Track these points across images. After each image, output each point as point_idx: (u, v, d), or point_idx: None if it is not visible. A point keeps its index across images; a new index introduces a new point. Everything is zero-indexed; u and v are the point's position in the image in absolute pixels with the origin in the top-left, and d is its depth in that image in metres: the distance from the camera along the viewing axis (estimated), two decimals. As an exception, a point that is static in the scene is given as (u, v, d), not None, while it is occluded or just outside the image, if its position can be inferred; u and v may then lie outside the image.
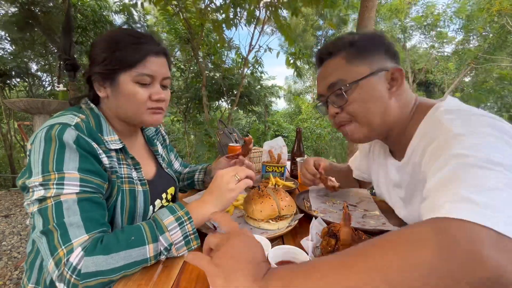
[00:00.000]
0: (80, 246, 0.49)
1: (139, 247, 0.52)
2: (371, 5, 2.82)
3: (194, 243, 0.59)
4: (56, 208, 0.51)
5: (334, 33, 12.92)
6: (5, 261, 2.08)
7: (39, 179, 0.52)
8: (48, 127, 0.56)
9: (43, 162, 0.53)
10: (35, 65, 6.14)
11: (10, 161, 6.23)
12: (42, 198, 0.52)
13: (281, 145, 1.32)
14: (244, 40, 7.93)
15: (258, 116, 8.25)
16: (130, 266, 0.50)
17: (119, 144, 0.68)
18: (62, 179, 0.52)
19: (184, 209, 0.59)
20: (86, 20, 5.27)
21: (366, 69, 0.62)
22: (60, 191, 0.52)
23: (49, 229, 0.50)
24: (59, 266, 0.47)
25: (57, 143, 0.54)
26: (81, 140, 0.56)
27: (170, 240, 0.55)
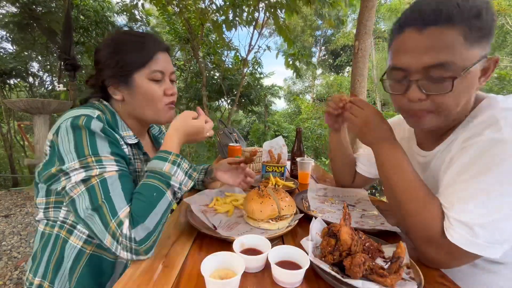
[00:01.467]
0: (126, 218, 0.54)
1: (162, 198, 0.58)
2: (371, 5, 2.82)
3: (194, 174, 0.66)
4: (102, 184, 0.56)
5: (333, 32, 12.92)
6: (5, 261, 2.08)
7: (76, 164, 0.56)
8: (72, 118, 0.59)
9: (77, 148, 0.57)
10: (36, 65, 6.14)
11: (10, 161, 6.23)
12: (86, 178, 0.55)
13: (281, 145, 1.32)
14: (244, 41, 7.94)
15: (258, 116, 8.24)
16: (165, 214, 0.59)
17: (134, 139, 0.73)
18: (100, 161, 0.57)
19: (173, 153, 0.63)
20: (88, 20, 5.28)
21: (477, 53, 0.50)
22: (103, 169, 0.57)
23: (99, 205, 0.54)
24: (116, 238, 0.52)
25: (87, 131, 0.58)
26: (106, 129, 0.62)
27: (179, 180, 0.62)
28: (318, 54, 14.88)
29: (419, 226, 0.56)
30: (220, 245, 0.62)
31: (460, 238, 0.49)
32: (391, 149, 0.65)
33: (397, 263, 0.47)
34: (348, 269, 0.48)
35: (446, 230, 0.51)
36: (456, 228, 0.50)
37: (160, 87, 0.72)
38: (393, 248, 0.53)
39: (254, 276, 0.52)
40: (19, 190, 3.86)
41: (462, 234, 0.49)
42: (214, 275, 0.48)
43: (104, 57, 0.70)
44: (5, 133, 6.27)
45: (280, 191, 0.76)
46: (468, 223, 0.48)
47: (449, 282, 0.52)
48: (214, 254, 0.51)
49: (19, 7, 4.60)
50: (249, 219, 0.73)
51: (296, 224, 0.72)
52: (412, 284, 0.47)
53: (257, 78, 6.38)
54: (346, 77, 11.30)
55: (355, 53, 2.97)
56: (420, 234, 0.56)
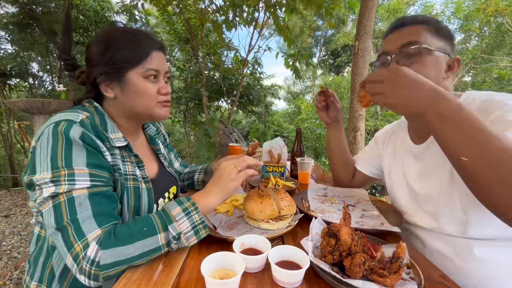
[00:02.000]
0: (94, 241, 0.50)
1: (151, 237, 0.54)
2: (371, 5, 2.82)
3: (203, 232, 0.59)
4: (69, 204, 0.52)
5: (334, 32, 12.92)
6: (5, 261, 2.08)
7: (48, 175, 0.53)
8: (54, 124, 0.56)
9: (52, 159, 0.54)
10: (36, 65, 6.14)
11: (10, 161, 6.23)
12: (54, 194, 0.53)
13: (281, 145, 1.32)
14: (244, 41, 7.93)
15: (258, 116, 8.25)
16: (145, 255, 0.53)
17: (123, 141, 0.69)
18: (72, 175, 0.53)
19: (191, 201, 0.60)
20: (88, 20, 5.28)
21: (442, 45, 0.70)
22: (72, 186, 0.53)
23: (63, 225, 0.51)
24: (78, 260, 0.49)
25: (64, 140, 0.55)
26: (86, 136, 0.57)
27: (179, 229, 0.56)
28: (319, 55, 14.89)
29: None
30: (220, 245, 0.62)
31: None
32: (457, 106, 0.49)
33: (397, 263, 0.47)
34: (348, 269, 0.48)
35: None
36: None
37: (155, 86, 0.69)
38: (393, 248, 0.53)
39: (254, 276, 0.52)
40: (19, 190, 3.86)
41: None
42: (214, 275, 0.48)
43: (96, 54, 0.67)
44: (5, 133, 6.27)
45: (280, 191, 0.76)
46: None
47: (449, 282, 0.52)
48: (214, 254, 0.51)
49: (19, 7, 4.60)
50: (249, 219, 0.73)
51: (296, 224, 0.72)
52: (412, 284, 0.47)
53: (257, 78, 6.39)
54: (345, 77, 11.30)
55: (355, 53, 2.97)
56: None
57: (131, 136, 0.77)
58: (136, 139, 0.81)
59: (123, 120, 0.73)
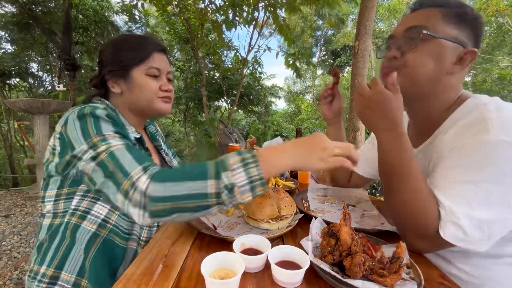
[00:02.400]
0: (142, 173, 0.51)
1: (201, 180, 0.49)
2: (371, 5, 2.82)
3: (260, 189, 0.51)
4: (111, 157, 0.55)
5: (334, 32, 12.93)
6: (5, 261, 2.08)
7: (85, 146, 0.58)
8: (79, 109, 0.64)
9: (84, 133, 0.59)
10: (36, 65, 6.14)
11: (10, 161, 6.23)
12: (95, 155, 0.57)
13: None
14: (243, 41, 7.93)
15: (258, 116, 8.25)
16: (192, 198, 0.48)
17: (137, 134, 0.77)
18: (105, 139, 0.58)
19: (253, 153, 0.52)
20: (87, 20, 5.28)
21: (454, 33, 0.61)
22: (109, 145, 0.57)
23: (111, 172, 0.54)
24: (128, 195, 0.50)
25: (92, 117, 0.62)
26: (111, 115, 0.65)
27: (232, 180, 0.49)
28: (318, 54, 14.89)
29: (418, 224, 0.57)
30: (220, 245, 0.62)
31: (452, 236, 0.53)
32: (395, 140, 0.60)
33: (397, 263, 0.47)
34: (348, 269, 0.48)
35: (440, 228, 0.54)
36: (449, 228, 0.53)
37: (156, 83, 0.78)
38: (393, 248, 0.53)
39: (254, 276, 0.52)
40: (19, 190, 3.86)
41: (454, 233, 0.53)
42: (214, 275, 0.48)
43: (106, 56, 0.78)
44: (5, 133, 6.27)
45: (280, 191, 0.76)
46: (460, 223, 0.51)
47: (449, 282, 0.52)
48: (214, 254, 0.51)
49: (19, 7, 4.59)
50: (249, 219, 0.73)
51: (296, 224, 0.72)
52: (412, 284, 0.47)
53: (257, 78, 6.38)
54: (345, 77, 11.30)
55: (355, 53, 2.97)
56: (416, 231, 0.58)
57: None
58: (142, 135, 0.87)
59: (130, 115, 0.81)
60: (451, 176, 0.55)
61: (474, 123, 0.56)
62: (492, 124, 0.52)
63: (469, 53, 0.61)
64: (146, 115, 0.85)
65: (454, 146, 0.57)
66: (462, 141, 0.56)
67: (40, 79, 6.39)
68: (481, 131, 0.53)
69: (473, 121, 0.57)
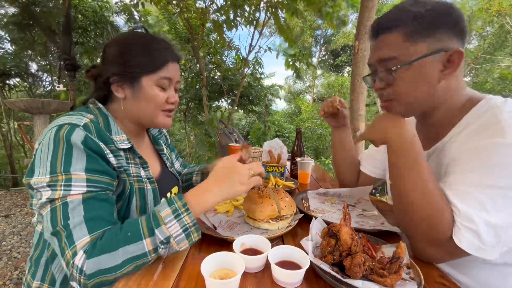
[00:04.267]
0: (82, 249, 0.49)
1: (136, 242, 0.50)
2: (371, 5, 2.82)
3: (195, 235, 0.54)
4: (63, 209, 0.52)
5: (334, 32, 12.91)
6: (5, 261, 2.08)
7: (46, 179, 0.53)
8: (56, 128, 0.57)
9: (51, 163, 0.54)
10: (35, 65, 6.14)
11: (10, 161, 6.23)
12: (51, 199, 0.53)
13: (281, 145, 1.32)
14: (244, 41, 7.93)
15: (258, 116, 8.25)
16: (130, 261, 0.50)
17: (127, 144, 0.69)
18: (69, 180, 0.53)
19: (182, 200, 0.55)
20: (86, 20, 5.28)
21: (425, 47, 0.58)
22: (67, 192, 0.53)
23: (57, 231, 0.51)
24: (68, 267, 0.49)
25: (65, 144, 0.55)
26: (88, 140, 0.57)
27: (167, 233, 0.52)
28: (318, 54, 14.88)
29: (428, 229, 0.55)
30: (220, 245, 0.62)
31: (469, 244, 0.50)
32: (407, 142, 0.58)
33: (397, 263, 0.47)
34: (348, 269, 0.48)
35: (454, 235, 0.52)
36: (465, 234, 0.50)
37: (164, 94, 0.71)
38: (393, 248, 0.53)
39: (254, 276, 0.52)
40: (19, 190, 3.86)
41: (471, 241, 0.50)
42: (214, 275, 0.48)
43: (114, 54, 0.69)
44: (5, 133, 6.27)
45: (280, 191, 0.76)
46: (477, 229, 0.49)
47: (449, 282, 0.52)
48: (214, 254, 0.51)
49: (19, 7, 4.60)
50: (249, 219, 0.73)
51: (296, 224, 0.72)
52: (412, 284, 0.47)
53: (258, 78, 6.38)
54: (346, 77, 11.30)
55: (355, 53, 2.97)
56: (426, 236, 0.56)
57: (136, 137, 0.78)
58: (141, 140, 0.82)
59: (126, 122, 0.74)
60: (466, 180, 0.53)
61: (488, 125, 0.54)
62: (508, 125, 0.50)
63: (454, 53, 0.57)
64: (145, 126, 0.79)
65: (468, 149, 0.55)
66: (476, 143, 0.54)
67: (40, 79, 6.39)
68: (496, 133, 0.51)
69: (487, 123, 0.54)
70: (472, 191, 0.51)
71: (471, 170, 0.53)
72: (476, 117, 0.58)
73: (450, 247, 0.52)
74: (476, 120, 0.58)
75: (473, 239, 0.49)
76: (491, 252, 0.49)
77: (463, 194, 0.52)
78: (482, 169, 0.51)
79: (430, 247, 0.56)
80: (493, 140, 0.51)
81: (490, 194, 0.49)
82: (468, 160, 0.54)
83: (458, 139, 0.60)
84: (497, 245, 0.49)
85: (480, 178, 0.51)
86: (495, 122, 0.53)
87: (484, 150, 0.52)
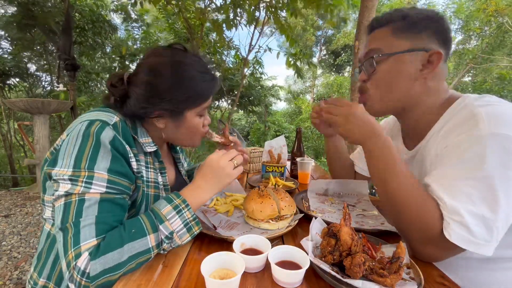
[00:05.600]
0: (87, 251, 0.49)
1: (140, 238, 0.52)
2: (371, 5, 2.82)
3: (196, 228, 0.59)
4: (78, 205, 0.52)
5: (334, 32, 12.91)
6: (5, 261, 2.08)
7: (68, 172, 0.53)
8: (88, 122, 0.57)
9: (77, 157, 0.54)
10: (35, 65, 6.13)
11: (10, 161, 6.23)
12: (68, 193, 0.52)
13: (281, 145, 1.32)
14: (244, 40, 7.90)
15: (259, 116, 8.25)
16: (134, 258, 0.51)
17: (153, 146, 0.69)
18: (91, 177, 0.53)
19: (181, 197, 0.59)
20: (84, 19, 5.26)
21: (407, 44, 0.63)
22: (87, 189, 0.53)
23: (66, 227, 0.51)
24: (69, 268, 0.48)
25: (94, 141, 0.55)
26: (116, 141, 0.58)
27: (171, 228, 0.55)
28: (319, 54, 14.88)
29: (419, 227, 0.55)
30: (220, 245, 0.62)
31: (458, 237, 0.50)
32: (383, 145, 0.61)
33: (397, 263, 0.47)
34: (348, 269, 0.48)
35: (445, 229, 0.52)
36: (454, 228, 0.50)
37: (202, 120, 0.73)
38: (393, 248, 0.53)
39: (254, 276, 0.52)
40: (19, 190, 3.86)
41: (460, 233, 0.50)
42: (214, 275, 0.48)
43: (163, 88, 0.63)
44: (5, 133, 6.27)
45: (280, 191, 0.76)
46: (463, 221, 0.49)
47: (449, 282, 0.52)
48: (214, 254, 0.51)
49: (18, 7, 4.59)
50: (249, 219, 0.73)
51: (296, 224, 0.72)
52: (412, 284, 0.47)
53: (258, 78, 6.38)
54: (346, 77, 11.30)
55: (355, 53, 2.97)
56: (419, 235, 0.56)
57: (158, 143, 0.77)
58: (161, 147, 0.82)
59: (156, 137, 0.73)
60: (448, 174, 0.54)
61: (464, 120, 0.57)
62: (482, 118, 0.52)
63: (434, 54, 0.61)
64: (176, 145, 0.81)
65: (447, 144, 0.57)
66: (455, 138, 0.56)
67: (39, 79, 6.39)
68: (471, 126, 0.53)
69: (463, 118, 0.57)
70: (457, 184, 0.52)
71: (453, 164, 0.54)
72: (453, 114, 0.61)
73: (444, 244, 0.52)
74: (453, 117, 0.61)
75: (462, 232, 0.50)
76: (486, 247, 0.49)
77: (446, 188, 0.53)
78: (461, 162, 0.53)
79: (426, 246, 0.56)
80: (469, 133, 0.53)
81: (475, 185, 0.50)
82: (449, 155, 0.56)
83: (438, 136, 0.62)
84: (491, 239, 0.49)
85: (462, 171, 0.52)
86: (471, 116, 0.55)
87: (461, 144, 0.54)
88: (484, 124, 0.52)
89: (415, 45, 0.63)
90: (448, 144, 0.57)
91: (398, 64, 0.64)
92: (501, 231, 0.50)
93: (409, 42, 0.63)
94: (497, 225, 0.49)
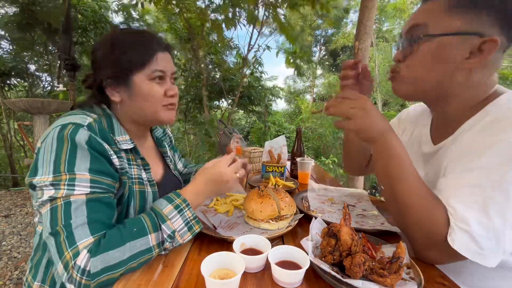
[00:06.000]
0: (85, 249, 0.49)
1: (141, 237, 0.53)
2: (371, 5, 2.82)
3: (197, 227, 0.60)
4: (65, 208, 0.51)
5: (333, 32, 12.91)
6: (5, 261, 2.08)
7: (49, 178, 0.52)
8: (60, 127, 0.56)
9: (55, 163, 0.53)
10: (35, 65, 6.13)
11: (10, 161, 6.22)
12: (52, 198, 0.52)
13: (281, 145, 1.32)
14: (243, 40, 7.89)
15: (259, 116, 8.25)
16: (135, 257, 0.51)
17: (130, 144, 0.68)
18: (73, 180, 0.53)
19: (181, 197, 0.60)
20: (86, 20, 5.27)
21: (459, 24, 0.52)
22: (71, 192, 0.52)
23: (57, 231, 0.50)
24: (68, 269, 0.48)
25: (69, 144, 0.54)
26: (93, 140, 0.57)
27: (173, 227, 0.56)
28: (318, 54, 14.88)
29: (425, 231, 0.54)
30: (220, 245, 0.62)
31: (462, 246, 0.48)
32: (396, 143, 0.56)
33: (397, 263, 0.47)
34: (348, 269, 0.48)
35: (449, 235, 0.50)
36: (458, 235, 0.48)
37: (161, 88, 0.69)
38: (393, 248, 0.53)
39: (254, 276, 0.52)
40: (19, 190, 3.86)
41: (464, 243, 0.48)
42: (214, 275, 0.48)
43: (101, 57, 0.66)
44: (5, 133, 6.26)
45: (280, 191, 0.76)
46: (470, 230, 0.47)
47: (449, 282, 0.52)
48: (214, 254, 0.51)
49: (19, 7, 4.59)
50: (249, 219, 0.73)
51: (296, 224, 0.72)
52: (412, 284, 0.47)
53: (258, 78, 6.38)
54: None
55: (355, 53, 2.97)
56: (423, 239, 0.55)
57: (139, 139, 0.77)
58: (144, 142, 0.81)
59: (131, 124, 0.73)
60: (463, 179, 0.50)
61: (496, 121, 0.50)
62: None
63: (488, 42, 0.50)
64: (149, 125, 0.79)
65: (471, 146, 0.52)
66: (481, 140, 0.50)
67: (39, 79, 6.38)
68: (501, 129, 0.48)
69: (496, 118, 0.51)
70: (467, 191, 0.49)
71: (471, 169, 0.50)
72: (490, 112, 0.54)
73: (448, 250, 0.50)
74: (487, 115, 0.53)
75: (466, 240, 0.47)
76: (491, 258, 0.46)
77: (458, 193, 0.50)
78: (484, 168, 0.48)
79: (430, 250, 0.55)
80: (497, 137, 0.48)
81: (491, 195, 0.46)
82: (468, 157, 0.51)
83: (467, 135, 0.56)
84: (496, 251, 0.46)
85: (481, 178, 0.48)
86: (504, 118, 0.49)
87: (487, 147, 0.48)
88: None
89: (468, 27, 0.51)
90: (474, 145, 0.51)
91: (442, 47, 0.54)
92: (508, 242, 0.47)
93: (462, 22, 0.51)
94: (505, 238, 0.46)
